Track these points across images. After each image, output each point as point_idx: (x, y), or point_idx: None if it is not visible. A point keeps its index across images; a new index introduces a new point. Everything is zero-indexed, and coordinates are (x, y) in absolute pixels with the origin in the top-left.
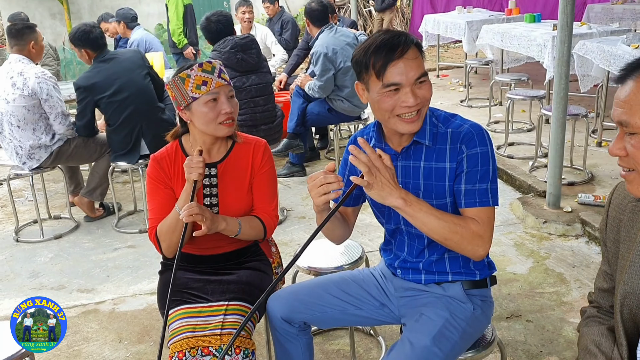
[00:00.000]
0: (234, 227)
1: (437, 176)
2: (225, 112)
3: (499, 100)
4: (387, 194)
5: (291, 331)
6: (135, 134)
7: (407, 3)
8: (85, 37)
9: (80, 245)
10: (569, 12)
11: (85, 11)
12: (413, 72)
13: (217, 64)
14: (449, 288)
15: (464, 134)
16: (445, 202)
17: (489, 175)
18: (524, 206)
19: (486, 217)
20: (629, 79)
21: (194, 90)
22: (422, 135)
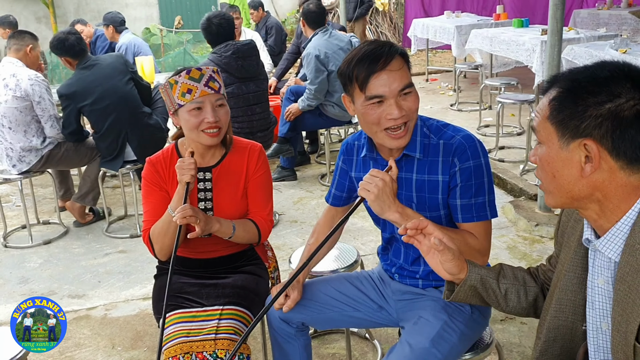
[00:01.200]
0: (227, 229)
1: (429, 189)
2: (208, 121)
3: (488, 104)
4: (387, 207)
5: (289, 332)
6: (121, 140)
7: (394, 7)
8: (60, 45)
9: (70, 250)
10: (558, 17)
11: (71, 14)
12: (397, 83)
13: (207, 71)
14: None
15: (456, 147)
16: (439, 215)
17: (485, 187)
18: (515, 209)
19: (484, 231)
20: (548, 90)
21: (179, 97)
22: (412, 148)
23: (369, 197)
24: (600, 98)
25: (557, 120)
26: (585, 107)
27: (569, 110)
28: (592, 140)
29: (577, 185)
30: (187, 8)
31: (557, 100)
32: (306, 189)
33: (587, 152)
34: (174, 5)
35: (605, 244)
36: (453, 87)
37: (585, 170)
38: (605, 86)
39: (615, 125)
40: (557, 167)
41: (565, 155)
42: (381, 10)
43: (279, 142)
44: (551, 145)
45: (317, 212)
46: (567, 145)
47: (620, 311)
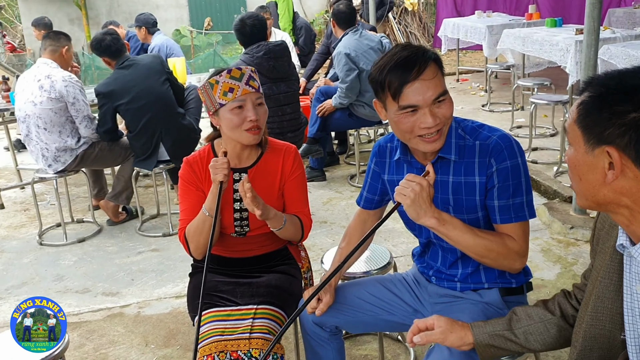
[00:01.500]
0: (280, 219)
1: (466, 190)
2: (250, 119)
3: (520, 105)
4: (423, 213)
5: (323, 335)
6: (155, 140)
7: (424, 7)
8: (98, 45)
9: (103, 249)
10: (595, 16)
11: (103, 16)
12: (430, 92)
13: (247, 70)
14: (485, 294)
15: (492, 147)
16: (477, 217)
17: (522, 187)
18: (549, 212)
19: (522, 232)
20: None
21: (221, 97)
22: (447, 150)
23: (405, 202)
24: (626, 107)
25: (583, 125)
26: (610, 114)
27: (594, 116)
28: (615, 148)
29: (601, 191)
30: (217, 9)
31: (585, 105)
32: (335, 190)
33: (610, 158)
34: (204, 6)
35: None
36: (484, 88)
37: (608, 177)
38: (632, 95)
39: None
40: (582, 170)
41: (591, 160)
42: (410, 10)
43: (309, 143)
44: (578, 148)
45: (346, 212)
46: (592, 150)
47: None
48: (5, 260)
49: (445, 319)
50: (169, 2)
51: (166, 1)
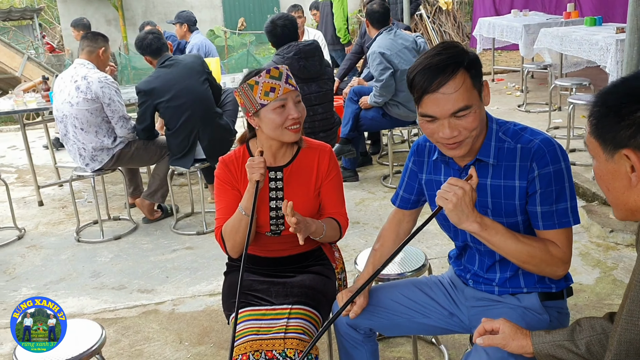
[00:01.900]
0: (320, 230)
1: (505, 194)
2: (293, 117)
3: (557, 106)
4: (465, 217)
5: (357, 337)
6: (192, 138)
7: (458, 6)
8: (139, 44)
9: (139, 246)
10: (639, 14)
11: (139, 17)
12: (449, 105)
13: (283, 69)
14: (524, 299)
15: (534, 151)
16: (516, 221)
17: (566, 193)
18: (588, 214)
19: (566, 239)
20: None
21: (262, 97)
22: (485, 153)
23: (447, 206)
24: (632, 107)
25: (597, 134)
26: (619, 118)
27: (604, 122)
28: (630, 149)
29: (631, 196)
30: (250, 10)
31: (594, 115)
32: (368, 190)
33: (630, 161)
34: (238, 7)
35: None
36: (520, 88)
37: (632, 180)
38: (637, 95)
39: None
40: (608, 180)
41: (613, 167)
42: (445, 9)
43: (341, 143)
44: (599, 159)
45: (379, 213)
46: (612, 157)
47: None
48: (43, 256)
49: (510, 325)
50: (204, 2)
51: (201, 2)
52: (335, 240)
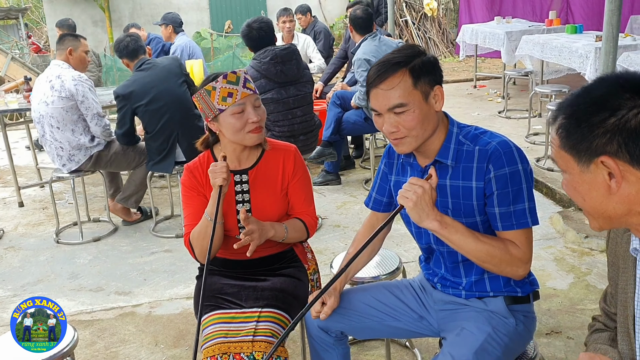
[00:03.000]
0: (281, 233)
1: (464, 195)
2: (253, 121)
3: (538, 112)
4: (425, 216)
5: (328, 340)
6: (172, 141)
7: (444, 13)
8: (117, 47)
9: (118, 248)
10: (614, 23)
11: (126, 19)
12: (385, 101)
13: (241, 73)
14: (490, 302)
15: (491, 152)
16: (475, 221)
17: (523, 194)
18: (564, 220)
19: (525, 239)
20: (555, 121)
21: (220, 102)
22: (444, 155)
23: (408, 204)
24: (602, 115)
25: (569, 147)
26: (590, 127)
27: (576, 134)
28: (608, 156)
29: (609, 204)
30: (237, 12)
31: (563, 128)
32: (350, 194)
33: (607, 168)
34: (225, 9)
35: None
36: (501, 94)
37: (612, 187)
38: (603, 103)
39: (626, 137)
40: (584, 190)
41: (589, 177)
42: (430, 15)
43: (322, 146)
44: (572, 171)
45: (360, 217)
46: (587, 167)
47: None
48: (22, 258)
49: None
50: (190, 4)
51: (187, 4)
52: (303, 239)
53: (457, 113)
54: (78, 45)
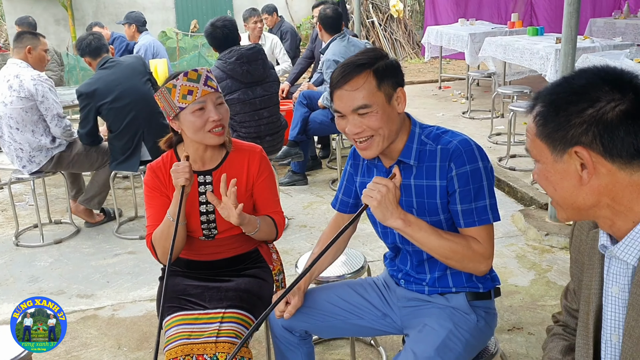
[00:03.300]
0: (254, 223)
1: (428, 194)
2: (213, 120)
3: (500, 113)
4: (389, 214)
5: (292, 340)
6: (137, 139)
7: (409, 15)
8: (79, 45)
9: (80, 250)
10: (573, 26)
11: (89, 17)
12: (350, 102)
13: (203, 71)
14: (452, 299)
15: (452, 151)
16: (439, 219)
17: (484, 191)
18: (525, 218)
19: (487, 235)
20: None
21: (180, 100)
22: (407, 154)
23: (372, 203)
24: (581, 106)
25: (545, 135)
26: (568, 116)
27: (553, 123)
28: (582, 147)
29: (580, 195)
30: (203, 12)
31: (541, 116)
32: (317, 194)
33: (580, 159)
34: (190, 9)
35: (624, 249)
36: (466, 95)
37: (584, 177)
38: (583, 93)
39: (602, 129)
40: (555, 180)
41: (561, 167)
42: (396, 17)
43: (289, 145)
44: (545, 160)
45: (327, 217)
46: (561, 157)
47: (635, 316)
48: None
49: None
50: (156, 4)
51: (153, 3)
52: (272, 238)
53: (423, 114)
54: (37, 44)
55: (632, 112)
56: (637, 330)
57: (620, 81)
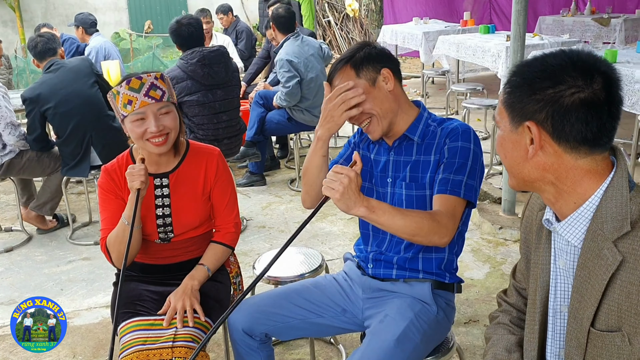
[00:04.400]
0: (204, 275)
1: (423, 168)
2: (151, 131)
3: (455, 110)
4: (352, 204)
5: (252, 344)
6: (85, 144)
7: (365, 14)
8: (28, 47)
9: (32, 258)
10: (521, 23)
11: (38, 19)
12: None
13: (148, 79)
14: (417, 286)
15: (450, 130)
16: (424, 194)
17: (466, 169)
18: (480, 213)
19: (452, 207)
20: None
21: (122, 108)
22: (413, 130)
23: (334, 195)
24: (545, 84)
25: (508, 104)
26: (532, 91)
27: (518, 94)
28: (534, 123)
29: (525, 167)
30: (157, 13)
31: (510, 85)
32: (275, 194)
33: (531, 134)
34: (144, 9)
35: (566, 228)
36: (421, 93)
37: (530, 152)
38: (551, 73)
39: (555, 111)
40: (507, 148)
41: (515, 138)
42: (352, 16)
43: (246, 146)
44: (504, 128)
45: (285, 217)
46: (516, 128)
47: (579, 297)
48: None
49: None
50: (108, 4)
51: (105, 4)
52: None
53: None
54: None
55: (590, 102)
56: (580, 312)
57: (591, 69)
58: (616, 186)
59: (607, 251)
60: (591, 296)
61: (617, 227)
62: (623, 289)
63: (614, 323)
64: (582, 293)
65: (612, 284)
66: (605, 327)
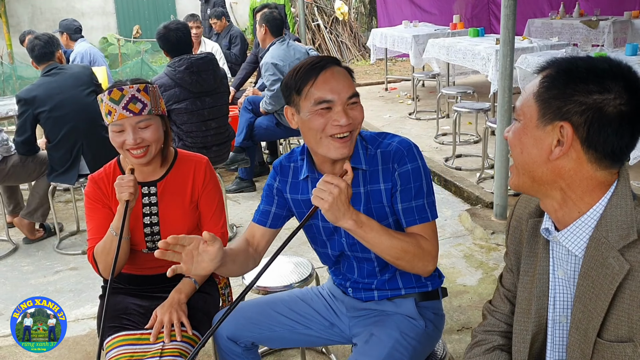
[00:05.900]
0: (192, 289)
1: (374, 199)
2: (128, 143)
3: (446, 113)
4: (341, 215)
5: (236, 350)
6: (75, 152)
7: (355, 17)
8: (28, 49)
9: (18, 268)
10: (510, 27)
11: (25, 24)
12: (345, 90)
13: (128, 91)
14: (401, 304)
15: (393, 153)
16: (388, 223)
17: (423, 190)
18: (472, 218)
19: (431, 232)
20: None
21: (105, 117)
22: (357, 160)
23: (324, 205)
24: (591, 87)
25: (543, 99)
26: (574, 91)
27: (557, 90)
28: (570, 124)
29: (541, 167)
30: (146, 17)
31: (549, 79)
32: None
33: (561, 135)
34: (132, 14)
35: (568, 237)
36: (412, 96)
37: (554, 153)
38: (599, 77)
39: (596, 117)
40: (527, 143)
41: (539, 135)
42: (341, 19)
43: (235, 152)
44: (528, 122)
45: None
46: (545, 126)
47: (582, 307)
48: None
49: None
50: (95, 9)
51: (92, 8)
52: None
53: (370, 115)
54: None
55: (630, 117)
56: (584, 322)
57: (636, 86)
58: (621, 195)
59: (612, 260)
60: (596, 306)
61: (623, 236)
62: (633, 298)
63: (624, 334)
64: (585, 303)
65: (620, 294)
66: (615, 338)
